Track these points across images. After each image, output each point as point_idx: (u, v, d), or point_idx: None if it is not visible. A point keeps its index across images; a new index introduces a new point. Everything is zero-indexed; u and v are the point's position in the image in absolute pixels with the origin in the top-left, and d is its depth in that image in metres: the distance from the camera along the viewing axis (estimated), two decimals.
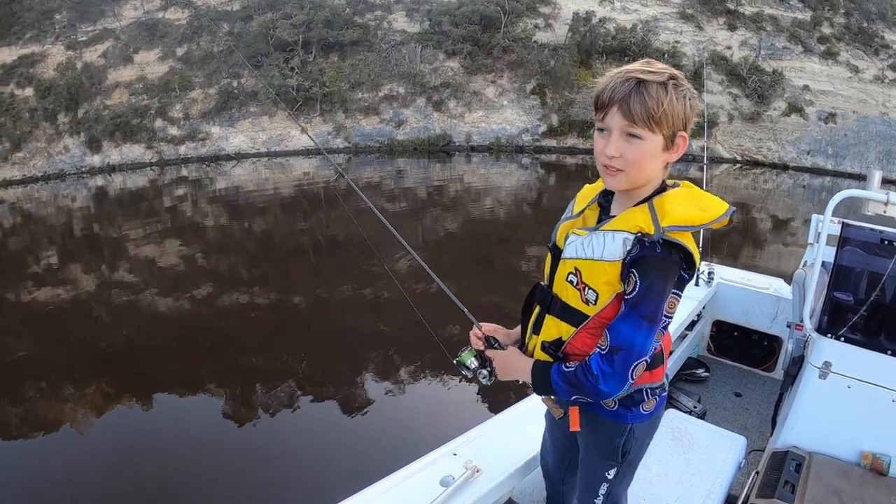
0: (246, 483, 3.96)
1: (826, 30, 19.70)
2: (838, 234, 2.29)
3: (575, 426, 1.30)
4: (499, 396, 4.40)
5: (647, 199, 1.14)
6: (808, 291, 2.24)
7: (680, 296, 1.16)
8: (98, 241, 11.74)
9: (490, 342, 1.39)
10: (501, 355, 1.37)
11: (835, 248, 2.28)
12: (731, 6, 20.19)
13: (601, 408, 1.29)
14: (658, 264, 1.08)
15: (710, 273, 3.48)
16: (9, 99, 19.97)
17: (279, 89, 17.14)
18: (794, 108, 17.81)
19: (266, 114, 17.92)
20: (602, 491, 1.39)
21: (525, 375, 1.30)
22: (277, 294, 7.99)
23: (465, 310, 1.44)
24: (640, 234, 1.09)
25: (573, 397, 1.22)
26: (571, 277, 1.20)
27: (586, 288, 1.17)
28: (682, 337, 3.36)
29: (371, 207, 1.61)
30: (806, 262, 2.81)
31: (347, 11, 18.31)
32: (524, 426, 1.91)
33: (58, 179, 18.42)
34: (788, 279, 2.63)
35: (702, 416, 2.89)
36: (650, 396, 1.29)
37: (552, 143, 17.56)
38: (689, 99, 1.09)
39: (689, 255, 1.10)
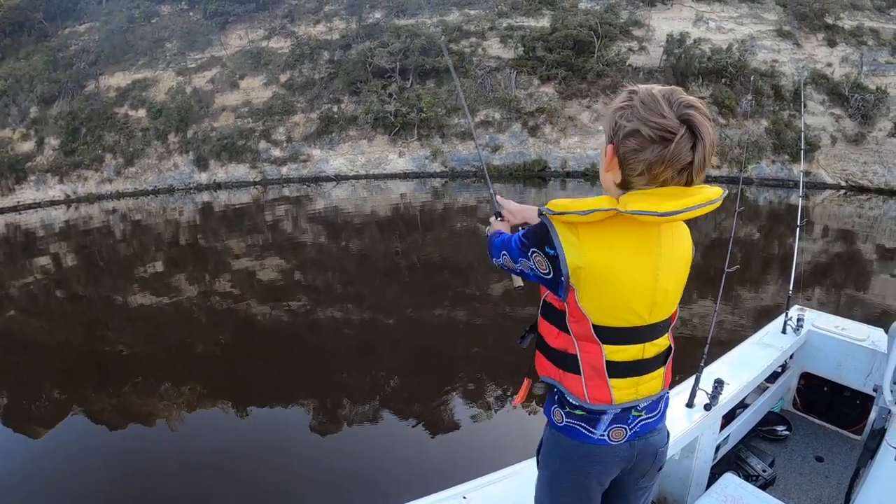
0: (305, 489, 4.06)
1: None
2: None
3: (521, 397, 1.42)
4: None
5: None
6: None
7: (545, 260, 1.14)
8: (201, 251, 12.17)
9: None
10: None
11: None
12: (830, 21, 19.54)
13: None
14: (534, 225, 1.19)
15: (799, 319, 3.04)
16: (123, 119, 21.82)
17: (377, 114, 18.01)
18: None
19: (365, 137, 18.85)
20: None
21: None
22: (371, 313, 7.97)
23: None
24: None
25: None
26: None
27: None
28: (763, 389, 3.03)
29: None
30: None
31: (443, 39, 18.96)
32: None
33: (167, 194, 19.90)
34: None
35: (769, 483, 2.66)
36: (559, 405, 1.24)
37: None
38: (617, 108, 1.07)
39: (545, 226, 1.12)
